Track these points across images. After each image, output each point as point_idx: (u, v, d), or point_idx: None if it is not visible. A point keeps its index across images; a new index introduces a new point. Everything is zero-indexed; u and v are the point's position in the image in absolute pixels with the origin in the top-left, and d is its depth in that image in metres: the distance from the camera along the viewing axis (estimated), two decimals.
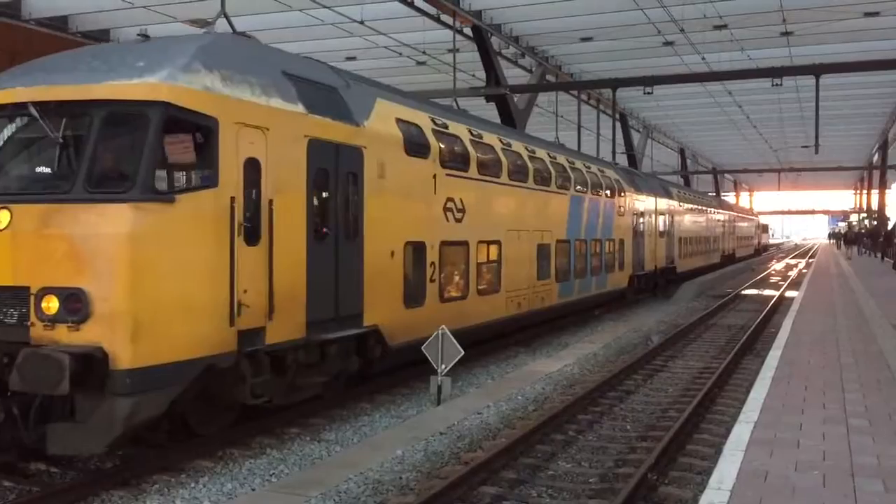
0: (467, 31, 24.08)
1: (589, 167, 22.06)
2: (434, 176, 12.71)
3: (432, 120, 13.18)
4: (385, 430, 10.15)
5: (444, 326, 11.53)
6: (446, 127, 13.63)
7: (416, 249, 12.23)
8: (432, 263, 12.61)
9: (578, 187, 20.25)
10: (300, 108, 9.46)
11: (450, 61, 24.22)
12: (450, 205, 13.22)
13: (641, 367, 14.45)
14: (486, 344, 15.90)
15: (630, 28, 24.70)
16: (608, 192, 23.00)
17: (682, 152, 57.46)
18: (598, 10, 23.57)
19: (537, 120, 31.88)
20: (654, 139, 49.54)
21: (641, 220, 26.78)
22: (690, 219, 37.00)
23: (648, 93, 24.26)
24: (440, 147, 13.01)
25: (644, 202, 27.34)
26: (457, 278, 13.78)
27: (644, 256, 26.95)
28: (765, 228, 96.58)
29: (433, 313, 12.39)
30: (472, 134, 14.61)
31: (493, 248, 15.05)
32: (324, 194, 10.01)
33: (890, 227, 51.13)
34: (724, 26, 24.38)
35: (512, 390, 12.22)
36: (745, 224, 64.48)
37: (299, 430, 10.18)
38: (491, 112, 25.27)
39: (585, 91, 33.69)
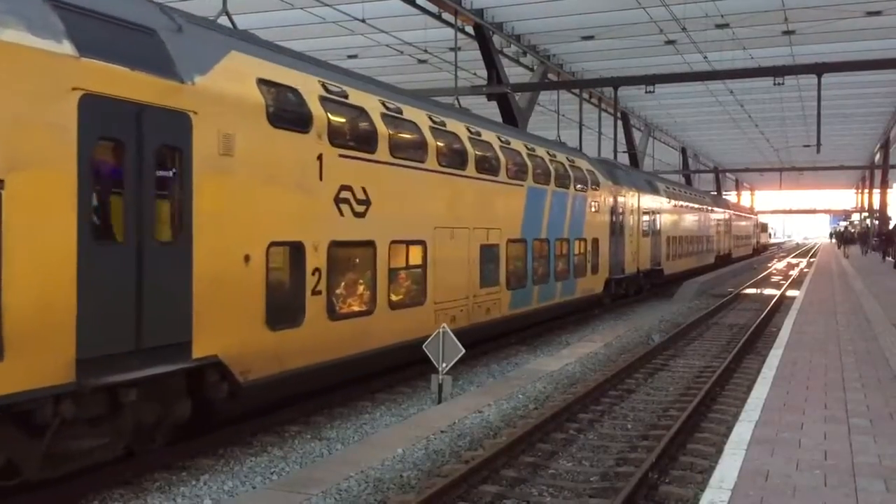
0: (469, 29, 24.07)
1: (554, 156, 19.08)
2: (319, 157, 9.88)
3: (323, 85, 10.34)
4: (386, 429, 10.15)
5: (445, 325, 11.50)
6: (344, 96, 10.75)
7: (291, 253, 9.56)
8: (316, 270, 9.79)
9: (539, 178, 17.42)
10: (66, 48, 6.75)
11: (451, 60, 24.20)
12: (345, 195, 10.40)
13: (642, 366, 14.45)
14: (487, 343, 15.89)
15: (632, 27, 24.71)
16: (579, 185, 20.28)
17: (683, 151, 57.44)
18: (600, 9, 23.59)
19: (539, 119, 31.87)
20: (655, 138, 49.53)
21: (621, 217, 24.34)
22: (681, 217, 34.54)
23: (650, 92, 24.27)
24: (330, 119, 10.15)
25: (625, 198, 24.93)
26: (358, 289, 11.10)
27: (624, 258, 24.57)
28: (764, 227, 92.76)
29: (318, 335, 9.82)
30: (385, 107, 11.69)
31: (415, 250, 12.40)
32: (113, 176, 7.39)
33: (891, 226, 51.09)
34: (726, 25, 24.39)
35: (513, 389, 12.22)
36: (742, 223, 61.54)
37: (300, 428, 10.18)
38: (492, 111, 25.27)
39: (587, 90, 33.68)
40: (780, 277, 42.12)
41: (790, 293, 28.55)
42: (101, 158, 7.18)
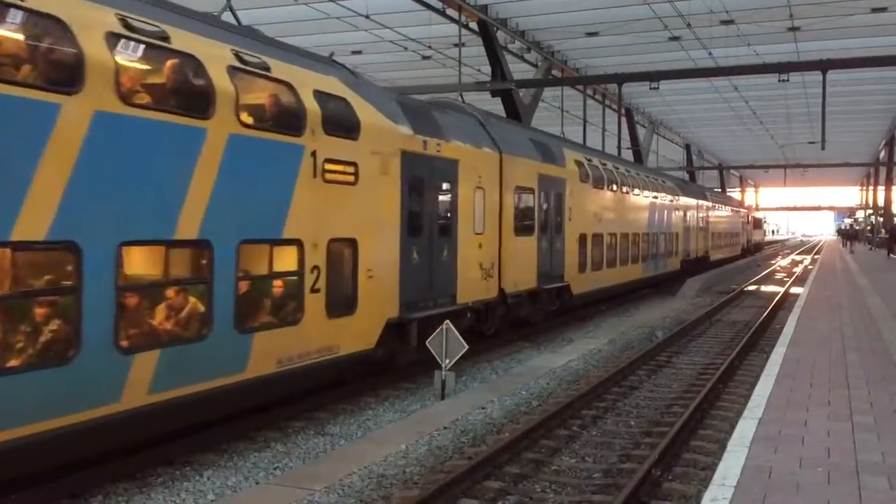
0: (473, 25, 24.03)
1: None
2: None
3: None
4: (389, 425, 10.17)
5: (448, 322, 11.49)
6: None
7: None
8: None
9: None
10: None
11: (455, 56, 24.15)
12: None
13: (646, 363, 14.44)
14: (492, 340, 15.90)
15: (636, 23, 24.67)
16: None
17: (688, 148, 57.33)
18: (605, 5, 23.54)
19: (543, 115, 31.83)
20: (659, 135, 49.43)
21: (448, 199, 13.43)
22: (613, 205, 23.19)
23: (654, 88, 24.15)
24: None
25: (460, 161, 13.58)
26: None
27: (468, 275, 13.86)
28: (757, 223, 75.51)
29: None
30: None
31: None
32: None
33: None
34: (731, 21, 24.32)
35: (516, 385, 12.24)
36: (725, 216, 47.99)
37: (304, 423, 10.20)
38: (497, 107, 25.24)
39: (591, 86, 33.60)
40: (785, 274, 42.05)
41: (794, 290, 28.51)
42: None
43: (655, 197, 28.34)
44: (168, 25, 7.95)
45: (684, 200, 33.84)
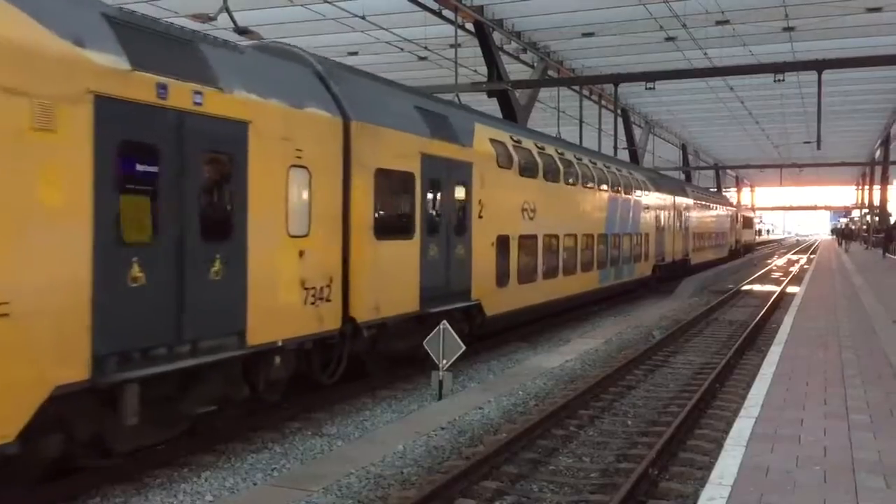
0: (469, 26, 24.05)
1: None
2: None
3: None
4: (386, 425, 10.17)
5: (445, 322, 11.47)
6: None
7: None
8: None
9: None
10: None
11: (451, 56, 24.17)
12: None
13: (643, 363, 14.46)
14: (489, 339, 15.91)
15: (632, 23, 24.72)
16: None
17: (683, 148, 57.42)
18: (600, 6, 23.58)
19: (539, 115, 31.87)
20: (656, 135, 49.48)
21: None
22: (547, 201, 17.69)
23: (650, 88, 24.18)
24: None
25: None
26: None
27: (275, 299, 9.93)
28: (748, 222, 68.22)
29: None
30: None
31: None
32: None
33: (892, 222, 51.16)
34: (727, 21, 24.38)
35: (513, 385, 12.24)
36: (709, 214, 42.52)
37: (301, 424, 10.20)
38: (493, 107, 25.27)
39: (587, 86, 33.64)
40: (781, 274, 42.12)
41: (790, 289, 28.56)
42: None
43: (618, 191, 23.65)
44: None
45: (658, 196, 29.29)
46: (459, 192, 13.62)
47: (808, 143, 39.07)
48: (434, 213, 12.86)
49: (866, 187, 72.72)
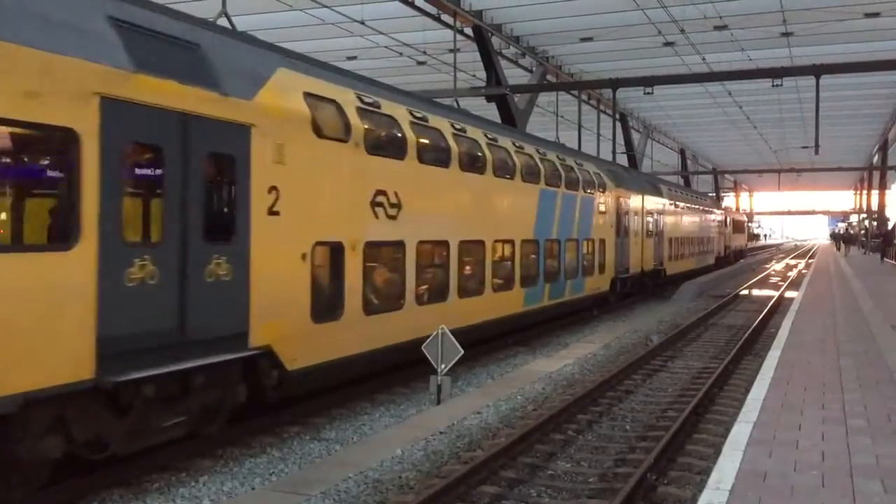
0: (468, 31, 24.10)
1: None
2: None
3: None
4: (385, 430, 10.17)
5: (443, 326, 11.48)
6: None
7: None
8: None
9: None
10: None
11: (450, 61, 24.21)
12: None
13: (641, 367, 14.46)
14: (487, 344, 15.91)
15: (630, 28, 24.75)
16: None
17: (682, 153, 57.51)
18: (599, 11, 23.63)
19: (538, 120, 31.90)
20: (654, 139, 49.56)
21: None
22: (427, 192, 12.76)
23: (648, 93, 24.25)
24: None
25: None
26: None
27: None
28: (739, 226, 61.89)
29: None
30: None
31: None
32: None
33: (890, 227, 51.23)
34: (725, 27, 24.42)
35: (512, 390, 12.24)
36: (691, 217, 37.78)
37: (299, 429, 10.19)
38: (492, 112, 25.30)
39: (586, 91, 33.70)
40: (779, 279, 42.15)
41: (789, 294, 28.58)
42: None
43: (556, 185, 18.64)
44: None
45: (620, 194, 24.05)
46: (217, 171, 8.50)
47: (807, 148, 38.94)
48: (140, 202, 7.82)
49: (864, 192, 72.79)
